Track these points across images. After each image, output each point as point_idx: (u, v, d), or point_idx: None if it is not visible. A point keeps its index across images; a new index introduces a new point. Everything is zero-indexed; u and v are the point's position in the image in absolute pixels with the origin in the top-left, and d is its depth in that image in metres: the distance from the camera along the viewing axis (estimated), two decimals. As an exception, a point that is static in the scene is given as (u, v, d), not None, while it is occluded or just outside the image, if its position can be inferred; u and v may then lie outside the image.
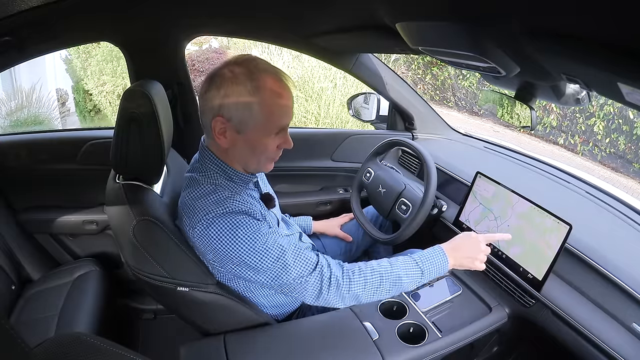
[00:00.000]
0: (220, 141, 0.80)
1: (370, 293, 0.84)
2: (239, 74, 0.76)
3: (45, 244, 1.44)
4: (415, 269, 0.87)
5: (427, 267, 0.88)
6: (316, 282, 0.81)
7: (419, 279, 0.87)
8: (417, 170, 1.45)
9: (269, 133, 0.80)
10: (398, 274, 0.85)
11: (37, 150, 1.38)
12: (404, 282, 0.86)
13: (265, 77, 0.77)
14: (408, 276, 0.86)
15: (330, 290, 0.81)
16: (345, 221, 1.35)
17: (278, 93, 0.78)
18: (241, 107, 0.76)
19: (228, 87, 0.76)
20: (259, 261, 0.77)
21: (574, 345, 0.84)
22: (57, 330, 1.08)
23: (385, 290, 0.85)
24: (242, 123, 0.78)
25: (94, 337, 0.49)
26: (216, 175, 0.83)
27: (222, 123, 0.78)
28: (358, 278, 0.83)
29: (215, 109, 0.77)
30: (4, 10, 0.75)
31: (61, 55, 6.05)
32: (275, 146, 0.83)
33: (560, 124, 5.67)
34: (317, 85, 4.55)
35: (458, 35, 0.66)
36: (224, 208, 0.77)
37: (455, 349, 0.92)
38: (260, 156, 0.83)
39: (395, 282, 0.85)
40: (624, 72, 0.44)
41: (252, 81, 0.76)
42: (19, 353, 0.37)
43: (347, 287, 0.82)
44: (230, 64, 0.78)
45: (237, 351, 0.84)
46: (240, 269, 0.79)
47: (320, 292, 0.81)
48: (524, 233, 0.96)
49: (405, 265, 0.87)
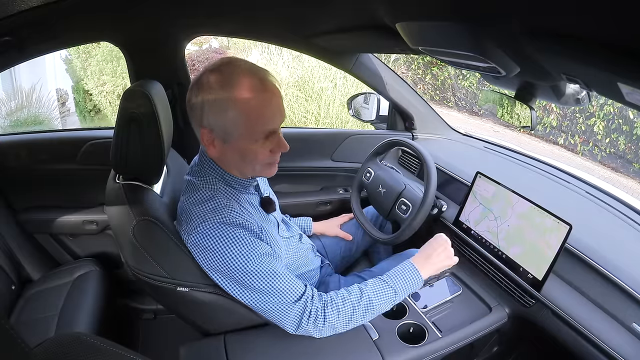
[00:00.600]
0: (210, 151, 0.79)
1: (344, 322, 0.82)
2: (213, 83, 0.73)
3: (45, 244, 1.44)
4: (387, 290, 0.86)
5: (399, 285, 0.87)
6: (298, 313, 0.79)
7: (392, 298, 0.86)
8: (417, 170, 1.45)
9: (255, 139, 0.77)
10: (369, 298, 0.84)
11: (37, 150, 1.38)
12: (376, 305, 0.84)
13: (242, 83, 0.73)
14: (379, 298, 0.85)
15: (309, 322, 0.79)
16: (345, 221, 1.35)
17: (257, 97, 0.74)
18: (220, 118, 0.74)
19: (205, 97, 0.74)
20: (247, 279, 0.76)
21: (574, 345, 0.84)
22: (57, 330, 1.08)
23: (359, 316, 0.83)
24: (226, 133, 0.76)
25: (94, 337, 0.49)
26: (214, 180, 0.82)
27: (208, 133, 0.76)
28: (331, 310, 0.81)
29: (198, 119, 0.76)
30: (4, 10, 0.75)
31: (61, 55, 6.05)
32: (267, 152, 0.79)
33: (560, 124, 5.67)
34: (317, 85, 4.55)
35: (458, 35, 0.66)
36: (221, 217, 0.76)
37: (455, 349, 0.92)
38: (252, 164, 0.81)
39: (367, 307, 0.84)
40: (624, 72, 0.44)
41: (226, 89, 0.72)
42: (19, 353, 0.37)
43: (323, 321, 0.80)
44: (209, 70, 0.76)
45: (237, 351, 0.84)
46: (227, 283, 0.78)
47: (299, 323, 0.79)
48: (524, 233, 0.96)
49: (375, 288, 0.86)
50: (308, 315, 0.79)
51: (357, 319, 0.84)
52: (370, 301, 0.84)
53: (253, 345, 0.86)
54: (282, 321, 0.80)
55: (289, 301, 0.78)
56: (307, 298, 0.80)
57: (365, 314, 0.84)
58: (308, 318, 0.79)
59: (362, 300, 0.84)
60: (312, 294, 0.82)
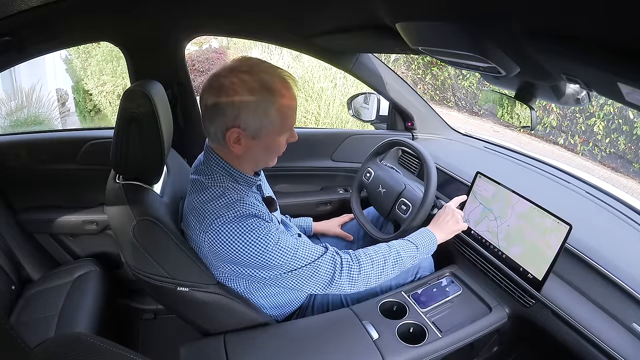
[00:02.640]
0: (235, 149, 0.79)
1: (377, 272, 0.89)
2: (252, 83, 0.75)
3: (45, 244, 1.44)
4: (410, 245, 0.97)
5: (420, 242, 0.98)
6: (329, 266, 0.84)
7: (415, 252, 0.96)
8: (417, 170, 1.45)
9: (283, 133, 0.82)
10: (397, 251, 0.94)
11: (37, 150, 1.38)
12: (404, 258, 0.94)
13: (277, 83, 0.77)
14: (405, 251, 0.95)
15: (343, 273, 0.85)
16: (346, 221, 1.35)
17: (288, 95, 0.79)
18: (259, 117, 0.76)
19: (242, 97, 0.75)
20: (272, 259, 0.78)
21: (574, 345, 0.84)
22: (57, 330, 1.08)
23: (390, 267, 0.91)
24: (258, 130, 0.78)
25: (94, 337, 0.49)
26: (222, 177, 0.83)
27: (237, 133, 0.77)
28: (365, 259, 0.89)
29: (230, 120, 0.76)
30: (4, 10, 0.75)
31: (61, 55, 6.05)
32: (285, 142, 0.85)
33: (560, 124, 5.67)
34: (317, 85, 4.55)
35: (458, 35, 0.66)
36: (235, 212, 0.77)
37: (455, 349, 0.92)
38: (273, 155, 0.86)
39: (396, 259, 0.93)
40: (624, 72, 0.44)
41: (267, 90, 0.76)
42: (19, 353, 0.37)
43: (357, 269, 0.87)
44: (238, 71, 0.76)
45: (237, 351, 0.84)
46: (253, 270, 0.80)
47: (332, 276, 0.84)
48: (524, 233, 0.96)
49: (400, 243, 0.97)
50: (340, 267, 0.85)
51: (388, 270, 0.91)
52: (398, 253, 0.93)
53: (253, 345, 0.86)
54: (315, 281, 0.84)
55: (315, 258, 0.83)
56: (333, 252, 0.87)
57: (395, 265, 0.92)
58: (341, 269, 0.85)
59: (392, 251, 0.93)
60: (335, 249, 0.89)
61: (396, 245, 0.95)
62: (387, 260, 0.91)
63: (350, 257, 0.88)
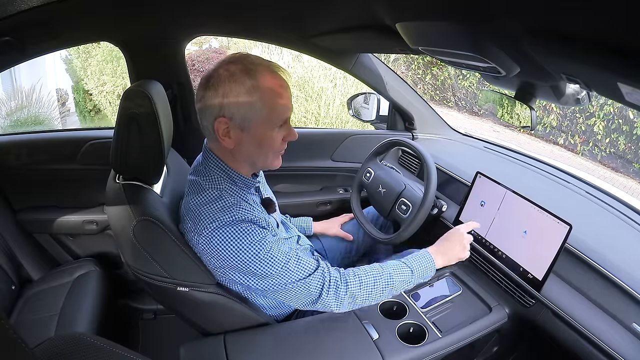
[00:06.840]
0: (226, 142, 0.79)
1: (365, 294, 0.86)
2: (236, 72, 0.76)
3: (45, 244, 1.44)
4: (405, 269, 0.91)
5: (416, 267, 0.93)
6: (317, 283, 0.82)
7: (409, 277, 0.91)
8: (417, 170, 1.45)
9: (273, 126, 0.80)
10: (389, 274, 0.89)
11: (37, 150, 1.38)
12: (396, 282, 0.89)
13: (263, 72, 0.76)
14: (399, 275, 0.90)
15: (330, 292, 0.83)
16: (346, 221, 1.35)
17: (277, 85, 0.78)
18: (243, 105, 0.76)
19: (226, 86, 0.75)
20: (263, 268, 0.78)
21: (574, 345, 0.84)
22: (57, 330, 1.08)
23: (379, 290, 0.88)
24: (245, 120, 0.77)
25: (94, 337, 0.49)
26: (220, 179, 0.82)
27: (225, 123, 0.77)
28: (354, 279, 0.85)
29: (216, 110, 0.77)
30: (4, 10, 0.75)
31: (61, 55, 6.04)
32: (281, 139, 0.83)
33: (560, 124, 5.67)
34: (317, 85, 4.54)
35: (458, 35, 0.66)
36: (231, 216, 0.77)
37: (455, 349, 0.92)
38: (267, 151, 0.83)
39: (387, 282, 0.88)
40: (624, 72, 0.44)
41: (250, 77, 0.75)
42: (19, 353, 0.37)
43: (345, 289, 0.84)
44: (225, 63, 0.77)
45: (237, 351, 0.84)
46: (244, 277, 0.80)
47: (320, 294, 0.82)
48: (524, 233, 0.96)
49: (394, 265, 0.91)
50: (328, 285, 0.83)
51: (377, 293, 0.87)
52: (390, 277, 0.89)
53: (253, 345, 0.86)
54: (303, 297, 0.82)
55: (305, 275, 0.81)
56: (323, 269, 0.84)
57: (384, 288, 0.88)
58: (329, 287, 0.83)
59: (384, 274, 0.88)
60: (327, 265, 0.86)
61: (389, 267, 0.90)
62: (376, 282, 0.87)
63: (340, 275, 0.85)
